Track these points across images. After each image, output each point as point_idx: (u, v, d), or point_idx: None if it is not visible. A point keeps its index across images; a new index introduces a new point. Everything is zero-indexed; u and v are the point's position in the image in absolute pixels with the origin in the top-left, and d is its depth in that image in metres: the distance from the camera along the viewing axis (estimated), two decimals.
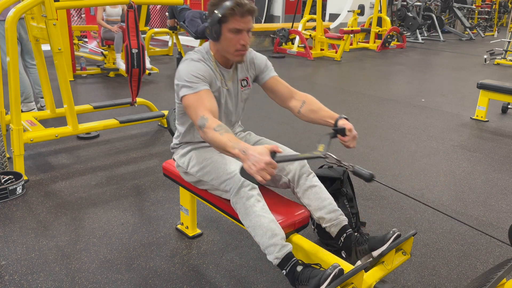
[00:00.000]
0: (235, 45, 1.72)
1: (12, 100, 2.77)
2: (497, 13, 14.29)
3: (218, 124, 1.57)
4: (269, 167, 1.40)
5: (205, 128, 1.58)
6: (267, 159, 1.40)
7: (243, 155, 1.43)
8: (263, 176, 1.40)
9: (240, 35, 1.70)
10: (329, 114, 1.85)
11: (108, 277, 1.95)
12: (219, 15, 1.66)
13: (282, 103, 1.96)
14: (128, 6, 3.27)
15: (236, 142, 1.48)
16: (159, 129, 4.02)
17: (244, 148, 1.45)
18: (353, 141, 1.76)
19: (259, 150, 1.42)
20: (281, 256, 1.60)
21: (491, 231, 2.44)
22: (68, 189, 2.78)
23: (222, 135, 1.53)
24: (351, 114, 4.66)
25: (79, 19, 9.66)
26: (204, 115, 1.60)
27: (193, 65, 1.73)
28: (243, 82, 1.92)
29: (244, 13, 1.66)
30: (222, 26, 1.69)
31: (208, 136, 1.57)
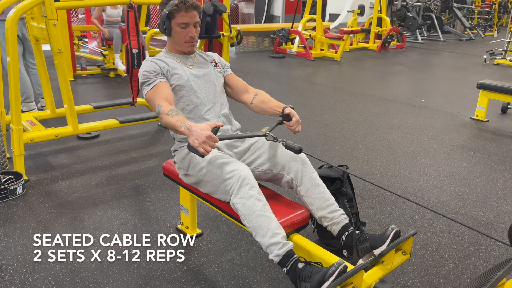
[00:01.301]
0: (184, 37, 1.96)
1: (12, 100, 2.77)
2: (497, 13, 14.29)
3: (170, 109, 1.75)
4: (210, 140, 1.58)
5: (160, 113, 1.78)
6: (207, 133, 1.58)
7: (188, 131, 1.62)
8: (205, 148, 1.58)
9: (188, 28, 1.94)
10: (277, 104, 2.03)
11: (108, 277, 1.95)
12: (167, 12, 1.90)
13: (237, 96, 2.15)
14: (128, 6, 3.27)
15: (183, 122, 1.67)
16: (159, 129, 4.02)
17: (189, 125, 1.63)
18: (298, 125, 1.93)
19: (201, 126, 1.61)
20: (282, 253, 1.60)
21: (491, 231, 2.44)
22: (68, 189, 2.78)
23: (173, 117, 1.71)
24: (351, 114, 4.66)
25: (76, 18, 9.65)
26: (159, 104, 1.81)
27: (144, 65, 1.95)
28: (213, 64, 2.12)
29: (188, 8, 1.90)
30: (171, 22, 1.93)
31: (163, 121, 1.76)
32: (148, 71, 1.92)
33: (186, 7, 1.90)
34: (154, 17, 11.39)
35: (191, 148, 1.61)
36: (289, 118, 1.94)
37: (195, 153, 1.61)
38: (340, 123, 4.34)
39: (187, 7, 1.90)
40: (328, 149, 3.62)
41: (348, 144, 3.76)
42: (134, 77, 3.48)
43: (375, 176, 3.11)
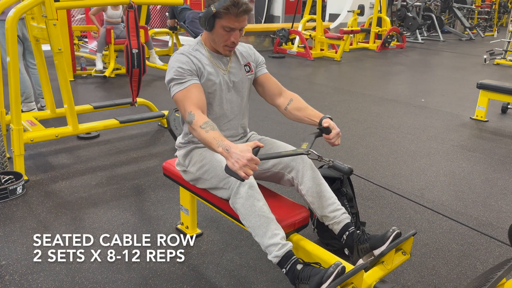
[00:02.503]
0: (226, 41, 1.77)
1: (12, 100, 2.77)
2: (497, 13, 14.29)
3: (205, 121, 1.63)
4: (251, 163, 1.47)
5: (192, 124, 1.65)
6: (249, 155, 1.47)
7: (226, 153, 1.50)
8: (246, 172, 1.47)
9: (232, 32, 1.75)
10: (314, 113, 1.90)
11: (108, 277, 1.95)
12: (214, 10, 1.69)
13: (270, 99, 2.01)
14: (128, 6, 3.27)
15: (220, 140, 1.55)
16: (159, 129, 4.02)
17: (227, 146, 1.51)
18: (338, 138, 1.83)
19: (241, 147, 1.49)
20: (281, 254, 1.60)
21: (491, 231, 2.44)
22: (68, 189, 2.78)
23: (208, 132, 1.59)
24: (351, 114, 4.66)
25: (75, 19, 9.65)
26: (191, 111, 1.67)
27: (176, 59, 1.78)
28: (246, 68, 1.94)
29: (239, 14, 1.70)
30: (216, 21, 1.72)
31: (196, 133, 1.64)
32: (182, 68, 1.74)
33: (238, 12, 1.69)
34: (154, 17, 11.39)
35: (230, 171, 1.50)
36: (328, 131, 1.81)
37: (235, 176, 1.49)
38: (340, 123, 4.33)
39: (239, 12, 1.69)
40: (328, 149, 3.62)
41: (348, 144, 3.76)
42: (134, 77, 3.48)
43: (375, 176, 3.11)
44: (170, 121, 3.54)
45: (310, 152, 1.71)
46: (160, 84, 5.84)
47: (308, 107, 1.94)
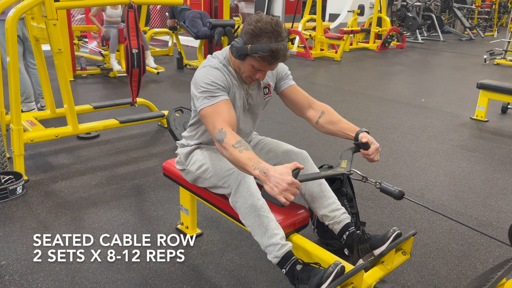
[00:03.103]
0: (250, 75, 1.71)
1: (12, 100, 2.77)
2: (497, 13, 14.29)
3: (237, 140, 1.52)
4: (292, 187, 1.37)
5: (223, 143, 1.54)
6: (289, 179, 1.37)
7: (264, 176, 1.41)
8: (287, 197, 1.37)
9: (259, 72, 1.69)
10: (349, 127, 1.81)
11: (108, 277, 1.95)
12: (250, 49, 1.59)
13: (300, 112, 1.92)
14: (128, 6, 3.27)
15: (256, 162, 1.45)
16: (159, 129, 4.02)
17: (265, 168, 1.41)
18: (377, 154, 1.74)
19: (280, 170, 1.39)
20: (281, 255, 1.60)
21: (491, 231, 2.44)
22: (68, 189, 2.78)
23: (242, 152, 1.48)
24: (351, 114, 4.66)
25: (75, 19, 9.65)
26: (222, 128, 1.56)
27: (210, 72, 1.67)
28: (265, 90, 1.88)
29: (273, 63, 1.63)
30: (247, 58, 1.64)
31: (227, 152, 1.53)
32: (216, 82, 1.65)
33: (273, 61, 1.62)
34: (154, 17, 11.39)
35: (268, 196, 1.41)
36: (367, 147, 1.72)
37: (274, 202, 1.40)
38: None
39: (274, 61, 1.62)
40: (328, 149, 3.62)
41: (348, 144, 3.73)
42: (134, 77, 3.48)
43: (375, 176, 3.11)
44: (170, 121, 3.54)
45: (352, 172, 1.59)
46: (161, 84, 5.84)
47: (342, 120, 1.84)
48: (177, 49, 7.31)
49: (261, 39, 1.58)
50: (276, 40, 1.58)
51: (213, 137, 1.60)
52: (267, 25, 1.57)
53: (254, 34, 1.59)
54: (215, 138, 1.58)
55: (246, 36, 1.61)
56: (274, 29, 1.58)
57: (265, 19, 1.59)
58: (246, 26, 1.62)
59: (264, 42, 1.58)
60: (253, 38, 1.59)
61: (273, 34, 1.58)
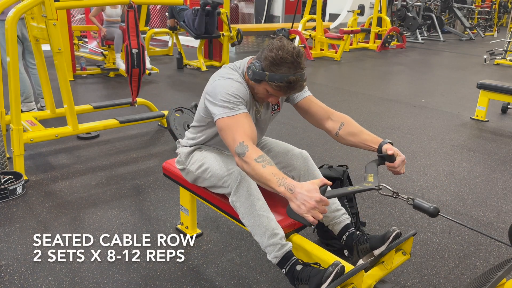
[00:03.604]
0: (263, 98, 1.69)
1: (12, 100, 2.77)
2: (497, 13, 14.29)
3: (260, 155, 1.46)
4: (320, 205, 1.32)
5: (244, 157, 1.47)
6: (317, 196, 1.32)
7: (290, 193, 1.35)
8: (315, 215, 1.32)
9: (273, 97, 1.66)
10: (371, 138, 1.75)
11: (108, 277, 1.95)
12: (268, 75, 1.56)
13: (318, 124, 1.86)
14: (128, 6, 3.27)
15: (281, 178, 1.39)
16: (159, 129, 4.02)
17: (290, 185, 1.36)
18: (403, 167, 1.67)
19: (307, 187, 1.34)
20: (280, 255, 1.60)
21: (491, 231, 2.44)
22: (68, 189, 2.78)
23: (265, 167, 1.43)
24: (351, 114, 4.62)
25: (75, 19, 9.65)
26: (243, 142, 1.49)
27: (234, 85, 1.63)
28: (274, 106, 1.85)
29: (288, 93, 1.62)
30: (263, 81, 1.60)
31: (249, 167, 1.46)
32: (239, 95, 1.60)
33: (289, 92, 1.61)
34: (154, 17, 11.39)
35: (294, 214, 1.34)
36: (392, 159, 1.64)
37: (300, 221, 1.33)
38: None
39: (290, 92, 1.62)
40: (328, 149, 3.62)
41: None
42: (134, 77, 3.48)
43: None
44: (170, 121, 3.53)
45: (382, 187, 1.52)
46: (160, 84, 5.84)
47: (363, 131, 1.78)
48: (177, 49, 7.31)
49: (280, 69, 1.55)
50: (295, 71, 1.56)
51: (232, 151, 1.53)
52: (288, 55, 1.54)
53: (274, 62, 1.55)
54: (235, 151, 1.50)
55: (266, 62, 1.57)
56: (295, 60, 1.55)
57: (287, 48, 1.55)
58: (267, 51, 1.58)
59: (282, 71, 1.55)
60: (272, 66, 1.56)
61: (292, 65, 1.55)
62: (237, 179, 1.67)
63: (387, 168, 1.69)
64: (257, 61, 1.62)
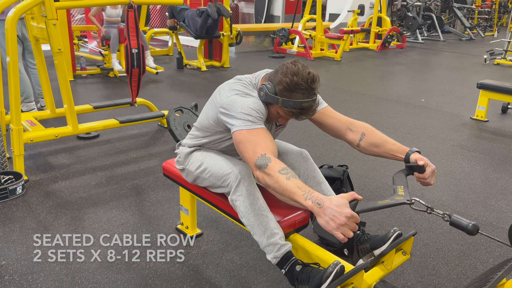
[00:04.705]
0: (274, 119, 1.68)
1: (12, 100, 2.77)
2: (497, 13, 14.29)
3: (283, 167, 1.41)
4: (351, 221, 1.24)
5: (266, 168, 1.41)
6: (348, 212, 1.24)
7: (318, 208, 1.28)
8: (345, 233, 1.24)
9: (283, 119, 1.67)
10: (397, 148, 1.68)
11: (108, 277, 1.95)
12: (281, 100, 1.54)
13: (338, 136, 1.81)
14: (128, 6, 3.27)
15: (308, 192, 1.32)
16: (159, 129, 4.01)
17: (319, 199, 1.29)
18: (433, 177, 1.61)
19: (336, 201, 1.27)
20: (280, 255, 1.60)
21: (491, 231, 2.44)
22: (68, 189, 2.78)
23: (289, 179, 1.36)
24: (351, 114, 4.64)
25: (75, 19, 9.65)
26: (265, 154, 1.44)
27: (257, 102, 1.60)
28: (277, 122, 1.82)
29: (300, 118, 1.61)
30: (275, 104, 1.58)
31: (271, 180, 1.39)
32: (259, 110, 1.57)
33: (301, 117, 1.61)
34: (154, 17, 11.39)
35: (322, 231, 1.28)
36: (422, 170, 1.57)
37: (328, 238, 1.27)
38: None
39: (301, 118, 1.62)
40: (328, 149, 3.61)
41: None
42: (134, 77, 3.48)
43: (375, 176, 3.11)
44: (170, 121, 3.54)
45: (414, 201, 1.44)
46: (160, 84, 5.84)
47: (387, 141, 1.71)
48: (177, 49, 7.31)
49: (294, 95, 1.53)
50: (309, 97, 1.54)
51: (251, 164, 1.47)
52: (303, 81, 1.52)
53: (288, 88, 1.53)
54: (256, 164, 1.44)
55: (279, 87, 1.55)
56: (309, 86, 1.53)
57: (301, 74, 1.52)
58: (282, 76, 1.54)
59: (296, 98, 1.53)
60: (286, 91, 1.54)
61: (307, 91, 1.54)
62: (237, 178, 1.67)
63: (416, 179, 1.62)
64: (269, 83, 1.58)
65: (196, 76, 6.38)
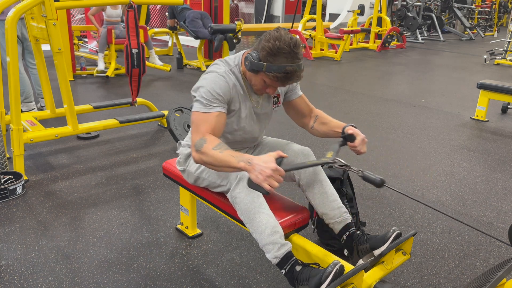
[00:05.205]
0: (260, 89, 1.71)
1: (12, 100, 2.77)
2: (497, 13, 14.29)
3: (217, 144, 1.54)
4: (276, 173, 1.40)
5: (202, 149, 1.54)
6: (273, 166, 1.40)
7: (249, 165, 1.43)
8: (271, 183, 1.39)
9: (270, 88, 1.68)
10: (337, 124, 1.86)
11: (108, 277, 1.95)
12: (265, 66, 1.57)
13: (299, 121, 1.97)
14: (128, 6, 3.27)
15: (239, 156, 1.47)
16: (159, 129, 4.02)
17: (249, 158, 1.44)
18: (363, 146, 1.75)
19: (264, 158, 1.42)
20: (280, 255, 1.59)
21: (491, 231, 2.44)
22: (68, 189, 2.78)
23: (222, 152, 1.50)
24: (351, 114, 4.66)
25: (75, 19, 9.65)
26: (203, 137, 1.57)
27: (215, 80, 1.65)
28: (275, 100, 1.88)
29: (286, 83, 1.63)
30: (260, 72, 1.61)
31: (207, 157, 1.53)
32: (217, 92, 1.63)
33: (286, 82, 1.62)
34: (154, 17, 11.39)
35: (253, 184, 1.43)
36: (352, 139, 1.74)
37: (259, 190, 1.43)
38: None
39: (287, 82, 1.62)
40: (328, 149, 3.61)
41: None
42: (134, 77, 3.48)
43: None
44: (170, 121, 3.54)
45: (336, 161, 1.64)
46: (160, 84, 5.84)
47: (332, 120, 1.89)
48: (177, 49, 7.31)
49: (277, 59, 1.56)
50: (293, 61, 1.57)
51: (192, 145, 1.59)
52: (285, 45, 1.54)
53: (271, 52, 1.56)
54: (194, 146, 1.57)
55: (263, 52, 1.58)
56: (292, 50, 1.56)
57: (284, 38, 1.55)
58: (264, 42, 1.58)
59: (280, 62, 1.56)
60: (270, 56, 1.57)
61: (290, 55, 1.56)
62: (237, 176, 1.67)
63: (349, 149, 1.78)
64: (254, 51, 1.63)
65: (196, 76, 6.38)
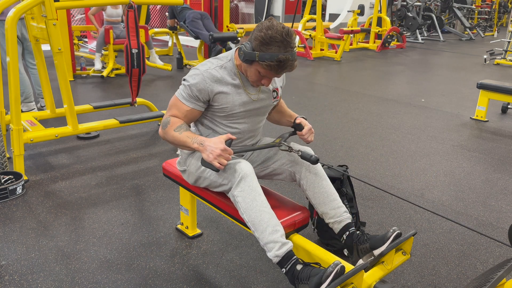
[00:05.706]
0: (256, 81, 1.73)
1: (12, 100, 2.77)
2: (497, 13, 14.29)
3: (178, 126, 1.72)
4: (225, 153, 1.59)
5: (166, 128, 1.74)
6: (222, 146, 1.58)
7: (201, 146, 1.62)
8: (220, 162, 1.59)
9: (265, 79, 1.71)
10: (290, 114, 2.00)
11: (108, 277, 1.95)
12: (258, 55, 1.59)
13: (270, 116, 2.08)
14: (128, 6, 3.27)
15: (194, 137, 1.66)
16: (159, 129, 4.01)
17: (201, 140, 1.63)
18: (310, 135, 1.87)
19: (214, 140, 1.61)
20: (281, 254, 1.59)
21: (491, 231, 2.44)
22: (68, 189, 2.78)
23: (181, 133, 1.69)
24: (351, 114, 4.66)
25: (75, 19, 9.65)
26: (170, 117, 1.76)
27: (194, 77, 1.74)
28: (274, 94, 1.90)
29: (279, 72, 1.64)
30: (254, 62, 1.65)
31: (168, 135, 1.73)
32: (194, 89, 1.72)
33: (280, 71, 1.63)
34: (154, 17, 11.39)
35: (205, 163, 1.62)
36: (300, 128, 1.86)
37: (210, 168, 1.61)
38: (340, 123, 4.34)
39: (281, 71, 1.64)
40: (328, 149, 3.62)
41: (348, 144, 3.76)
42: (134, 77, 3.48)
43: (375, 176, 3.11)
44: None
45: (282, 144, 1.81)
46: (160, 84, 5.84)
47: (288, 110, 2.02)
48: (177, 49, 7.30)
49: (270, 48, 1.58)
50: (285, 50, 1.58)
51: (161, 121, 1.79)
52: (277, 34, 1.56)
53: (263, 41, 1.58)
54: (162, 122, 1.78)
55: (256, 42, 1.60)
56: (284, 39, 1.57)
57: (276, 27, 1.58)
58: (257, 32, 1.61)
59: (272, 51, 1.58)
60: (262, 45, 1.59)
61: (282, 44, 1.57)
62: (239, 175, 1.67)
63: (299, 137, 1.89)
64: (247, 42, 1.66)
65: None
